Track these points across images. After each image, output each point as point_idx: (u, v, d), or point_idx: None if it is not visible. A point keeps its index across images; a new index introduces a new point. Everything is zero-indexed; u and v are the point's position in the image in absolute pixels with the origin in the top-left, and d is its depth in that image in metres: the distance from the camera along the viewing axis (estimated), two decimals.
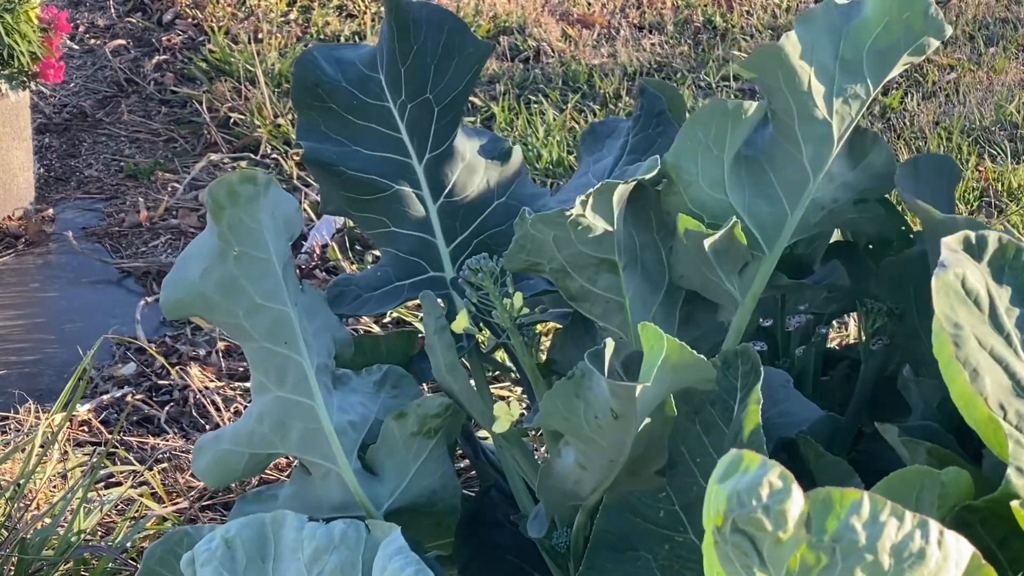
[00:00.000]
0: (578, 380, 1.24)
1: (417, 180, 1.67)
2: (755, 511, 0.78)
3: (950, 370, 1.05)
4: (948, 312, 1.07)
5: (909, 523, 0.81)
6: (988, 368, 1.06)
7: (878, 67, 1.47)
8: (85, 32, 4.69)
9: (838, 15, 1.47)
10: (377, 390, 1.55)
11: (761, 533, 0.79)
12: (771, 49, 1.45)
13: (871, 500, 0.80)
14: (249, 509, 1.51)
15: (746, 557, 0.80)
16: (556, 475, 1.37)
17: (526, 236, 1.42)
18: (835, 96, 1.47)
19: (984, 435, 1.06)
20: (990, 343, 1.08)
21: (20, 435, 2.49)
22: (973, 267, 1.12)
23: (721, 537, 0.81)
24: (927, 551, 0.81)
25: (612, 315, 1.48)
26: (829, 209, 1.52)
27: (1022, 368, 1.09)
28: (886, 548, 0.80)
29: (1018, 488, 1.03)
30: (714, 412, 1.27)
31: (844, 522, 0.79)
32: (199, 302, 1.46)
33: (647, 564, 1.30)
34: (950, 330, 1.05)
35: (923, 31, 1.45)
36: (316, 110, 1.64)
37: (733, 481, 0.79)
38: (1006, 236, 1.14)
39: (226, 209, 1.43)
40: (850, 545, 0.79)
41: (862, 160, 1.51)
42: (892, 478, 1.09)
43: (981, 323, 1.09)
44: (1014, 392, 1.07)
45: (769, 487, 0.79)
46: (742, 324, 1.50)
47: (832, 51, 1.47)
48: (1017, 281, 1.13)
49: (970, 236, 1.14)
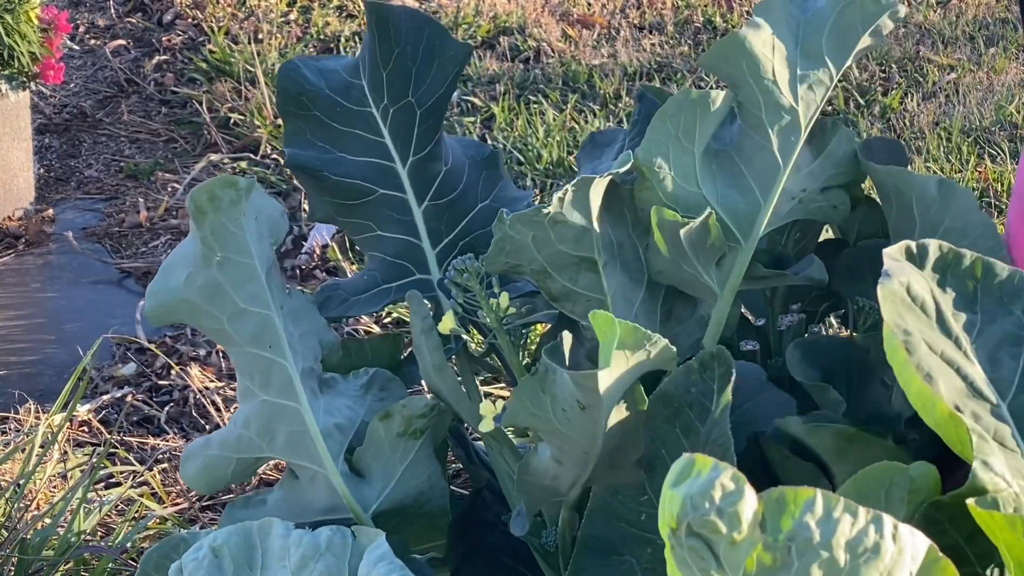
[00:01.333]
0: (542, 375, 1.25)
1: (401, 184, 1.68)
2: (708, 514, 0.79)
3: (905, 373, 1.06)
4: (897, 319, 1.08)
5: (863, 519, 0.82)
6: (941, 372, 1.07)
7: (838, 51, 1.49)
8: (85, 32, 4.70)
9: (794, 2, 1.50)
10: (364, 393, 1.55)
11: (716, 536, 0.80)
12: (733, 40, 1.46)
13: (824, 497, 0.81)
14: (238, 515, 1.52)
15: (702, 560, 0.81)
16: (533, 472, 1.38)
17: (505, 238, 1.42)
18: (799, 83, 1.48)
19: (945, 434, 1.06)
20: (940, 347, 1.09)
21: (20, 435, 2.50)
22: (917, 274, 1.13)
23: (677, 541, 0.81)
24: (882, 545, 0.82)
25: None
26: (798, 199, 1.53)
27: (973, 370, 1.10)
28: (841, 544, 0.81)
29: (984, 482, 1.04)
30: (692, 415, 1.28)
31: (798, 520, 0.80)
32: (183, 308, 1.47)
33: (631, 568, 1.31)
34: (901, 336, 1.06)
35: (877, 12, 1.48)
36: (300, 118, 1.65)
37: (686, 485, 0.80)
38: (946, 244, 1.16)
39: (208, 214, 1.44)
40: (805, 543, 0.80)
41: (824, 148, 1.53)
42: (861, 475, 1.10)
43: (930, 328, 1.10)
44: (968, 394, 1.08)
45: (722, 489, 0.79)
46: (722, 317, 1.50)
47: (792, 38, 1.48)
48: (960, 286, 1.14)
49: (911, 245, 1.15)
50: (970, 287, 1.15)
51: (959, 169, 3.52)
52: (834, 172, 1.54)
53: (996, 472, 1.05)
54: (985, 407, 1.09)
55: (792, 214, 1.55)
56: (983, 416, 1.09)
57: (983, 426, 1.08)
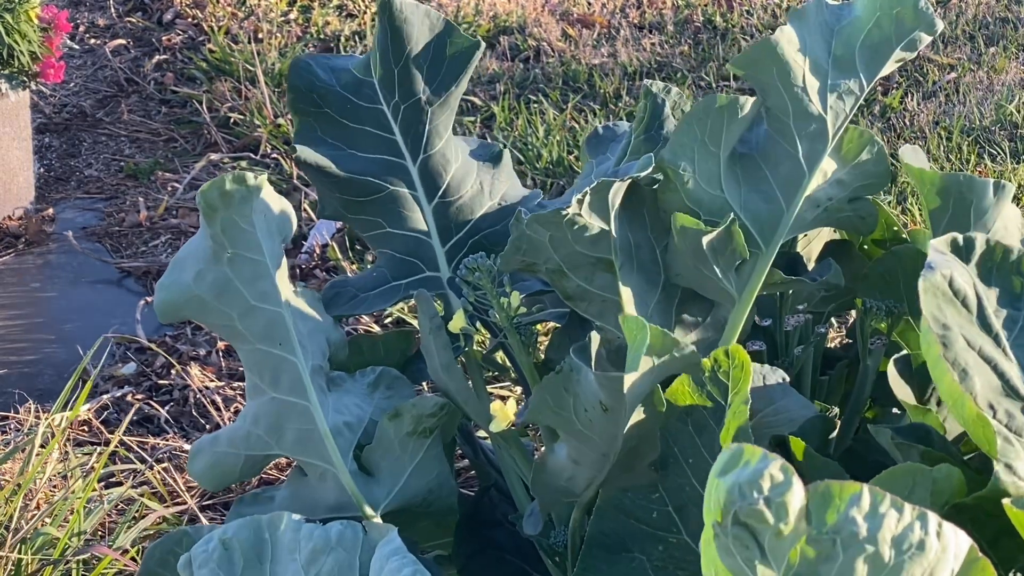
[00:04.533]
0: (567, 374, 1.24)
1: (412, 180, 1.67)
2: (757, 503, 0.78)
3: (938, 369, 1.05)
4: (936, 313, 1.07)
5: (908, 515, 0.81)
6: (977, 368, 1.06)
7: (871, 63, 1.48)
8: (85, 32, 4.69)
9: (829, 11, 1.49)
10: (371, 392, 1.55)
11: (762, 526, 0.79)
12: (765, 45, 1.46)
13: (871, 492, 0.80)
14: (246, 511, 1.51)
15: (747, 550, 0.81)
16: (550, 471, 1.37)
17: (522, 237, 1.42)
18: (829, 92, 1.47)
19: (973, 433, 1.06)
20: (978, 343, 1.08)
21: (20, 435, 2.49)
22: (961, 268, 1.12)
23: (722, 530, 0.81)
24: (927, 542, 0.82)
25: (609, 314, 1.48)
26: (824, 207, 1.52)
27: (1010, 368, 1.10)
28: (887, 539, 0.80)
29: (1007, 485, 1.03)
30: (706, 413, 1.27)
31: (844, 514, 0.79)
32: (193, 304, 1.47)
33: (641, 565, 1.30)
34: (938, 330, 1.05)
35: (914, 26, 1.47)
36: (311, 115, 1.65)
37: (734, 474, 0.79)
38: (993, 238, 1.15)
39: (219, 211, 1.43)
40: (850, 537, 0.80)
41: (856, 158, 1.52)
42: (884, 476, 1.10)
43: (969, 323, 1.09)
44: (1003, 392, 1.08)
45: (771, 480, 0.79)
46: (739, 321, 1.50)
47: (825, 47, 1.48)
48: (1004, 282, 1.13)
49: (957, 238, 1.14)
50: (1016, 283, 1.14)
51: (959, 169, 3.52)
52: (863, 183, 1.53)
53: (1019, 475, 1.05)
54: (1018, 406, 1.09)
55: (817, 222, 1.54)
56: (1016, 415, 1.08)
57: (1015, 426, 1.08)
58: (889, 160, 1.54)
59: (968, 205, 1.48)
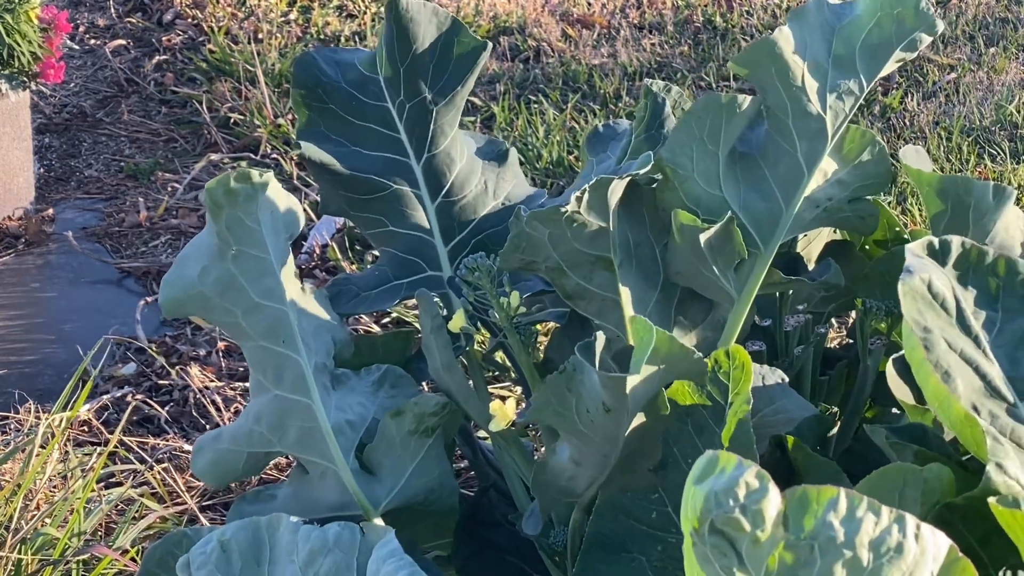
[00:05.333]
0: (570, 374, 1.24)
1: (415, 179, 1.67)
2: (732, 511, 0.78)
3: (922, 372, 1.05)
4: (916, 316, 1.07)
5: (886, 518, 0.81)
6: (959, 370, 1.06)
7: (871, 63, 1.48)
8: (85, 32, 4.69)
9: (830, 10, 1.49)
10: (375, 390, 1.55)
11: (739, 533, 0.79)
12: (764, 44, 1.46)
13: (847, 496, 0.80)
14: (247, 510, 1.51)
15: (725, 558, 0.80)
16: (551, 471, 1.37)
17: (521, 235, 1.42)
18: (829, 92, 1.47)
19: (961, 434, 1.06)
20: (959, 345, 1.09)
21: (20, 435, 2.49)
22: (938, 271, 1.12)
23: (699, 538, 0.80)
24: (905, 545, 0.82)
25: (608, 313, 1.48)
26: (824, 207, 1.52)
27: (992, 369, 1.10)
28: (864, 543, 0.80)
29: (998, 484, 1.03)
30: (706, 413, 1.27)
31: (821, 519, 0.79)
32: (197, 301, 1.47)
33: (640, 565, 1.30)
34: (919, 334, 1.06)
35: (915, 26, 1.47)
36: (316, 111, 1.65)
37: (710, 482, 0.79)
38: (968, 241, 1.15)
39: (224, 208, 1.43)
40: (828, 542, 0.80)
41: (857, 158, 1.52)
42: (875, 475, 1.10)
43: (949, 326, 1.09)
44: (986, 392, 1.08)
45: (746, 487, 0.79)
46: (738, 321, 1.50)
47: (825, 46, 1.47)
48: (982, 284, 1.14)
49: (933, 242, 1.15)
50: (992, 285, 1.14)
51: (959, 169, 3.52)
52: (864, 183, 1.53)
53: (1010, 475, 1.05)
54: (1002, 406, 1.09)
55: (817, 222, 1.54)
56: (1000, 416, 1.08)
57: (1000, 426, 1.08)
58: (890, 161, 1.54)
59: (967, 207, 1.48)
